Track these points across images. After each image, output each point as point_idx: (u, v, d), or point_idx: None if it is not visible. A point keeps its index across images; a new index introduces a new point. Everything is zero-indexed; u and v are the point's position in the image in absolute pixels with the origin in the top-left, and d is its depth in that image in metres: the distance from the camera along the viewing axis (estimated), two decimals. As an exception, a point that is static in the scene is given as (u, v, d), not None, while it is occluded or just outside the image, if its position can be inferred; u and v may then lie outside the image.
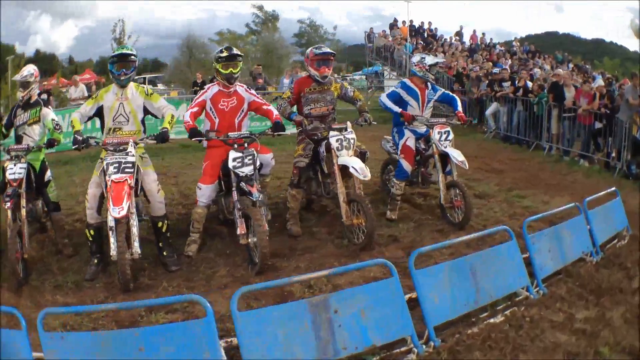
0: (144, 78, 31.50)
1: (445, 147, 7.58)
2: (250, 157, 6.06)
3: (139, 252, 5.55)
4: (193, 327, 3.76)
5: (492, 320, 5.02)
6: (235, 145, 6.12)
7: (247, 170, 5.99)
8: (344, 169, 6.67)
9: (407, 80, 8.21)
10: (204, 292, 5.36)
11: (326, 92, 7.29)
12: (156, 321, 4.85)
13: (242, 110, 6.69)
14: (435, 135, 7.59)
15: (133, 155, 5.72)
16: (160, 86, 30.10)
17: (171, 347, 3.61)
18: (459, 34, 25.03)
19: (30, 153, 6.36)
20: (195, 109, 6.48)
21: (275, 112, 6.76)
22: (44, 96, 16.64)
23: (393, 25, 24.56)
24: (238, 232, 6.02)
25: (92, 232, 5.98)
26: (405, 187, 8.11)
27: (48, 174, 6.78)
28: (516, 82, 14.94)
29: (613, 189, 7.85)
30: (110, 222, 5.40)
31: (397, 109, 7.78)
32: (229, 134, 6.29)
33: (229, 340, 4.21)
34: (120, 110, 6.14)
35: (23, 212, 5.99)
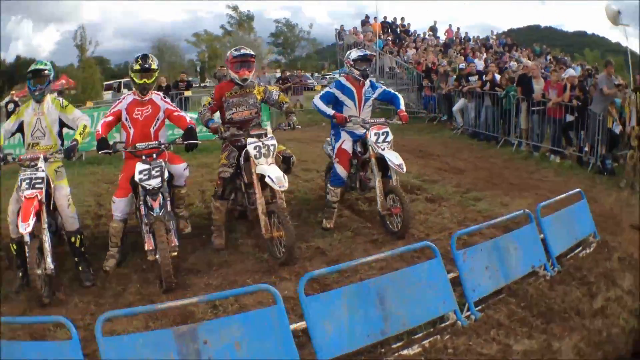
0: (120, 82, 30.59)
1: (383, 150, 6.76)
2: (157, 169, 5.73)
3: (52, 267, 5.39)
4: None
5: (405, 352, 4.25)
6: (143, 157, 5.80)
7: (155, 182, 5.68)
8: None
9: (342, 79, 7.44)
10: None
11: (248, 95, 6.77)
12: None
13: (158, 119, 6.35)
14: (371, 136, 6.81)
15: (43, 171, 5.60)
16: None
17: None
18: (432, 29, 24.06)
19: None
20: (110, 119, 6.23)
21: (189, 119, 6.35)
22: (11, 106, 15.71)
23: (365, 22, 23.49)
24: (145, 247, 5.69)
25: (14, 246, 5.75)
26: (341, 193, 7.43)
27: None
28: (484, 76, 13.85)
29: (577, 190, 6.83)
30: (26, 237, 5.28)
31: (330, 111, 7.10)
32: (137, 144, 5.95)
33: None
34: (38, 125, 6.02)
35: None
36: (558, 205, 6.45)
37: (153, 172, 5.70)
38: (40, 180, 5.52)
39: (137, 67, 6.21)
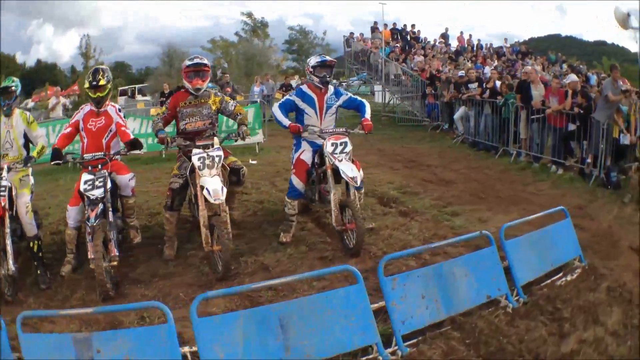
0: (134, 87, 30.36)
1: (341, 161, 6.20)
2: (101, 180, 5.80)
3: (13, 269, 5.62)
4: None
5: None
6: (90, 167, 5.91)
7: (97, 193, 5.73)
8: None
9: (304, 86, 7.00)
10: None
11: (202, 105, 6.58)
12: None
13: (110, 131, 6.42)
14: (327, 147, 6.31)
15: (7, 180, 5.92)
16: (148, 96, 28.54)
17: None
18: (444, 36, 23.10)
19: None
20: (69, 130, 6.42)
21: (132, 136, 6.36)
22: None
23: (374, 29, 22.66)
24: (88, 256, 5.68)
25: None
26: (302, 206, 7.15)
27: None
28: (484, 83, 12.87)
29: (559, 208, 5.89)
30: None
31: (285, 121, 6.70)
32: (84, 155, 6.14)
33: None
34: (7, 137, 6.30)
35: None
36: (540, 223, 5.62)
37: (97, 183, 5.76)
38: (3, 189, 5.81)
39: (87, 84, 6.38)
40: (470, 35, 23.01)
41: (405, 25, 23.36)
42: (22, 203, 6.10)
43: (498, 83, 12.44)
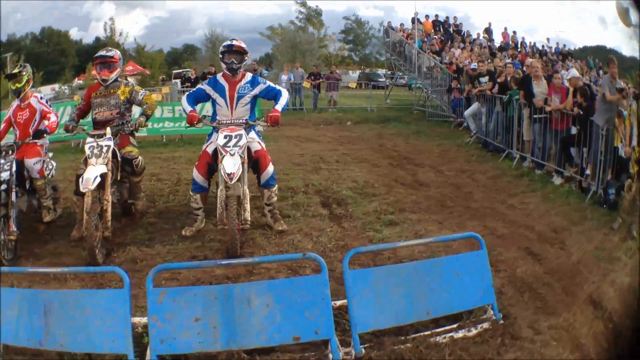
0: (188, 71, 30.33)
1: (233, 154, 5.63)
2: (8, 164, 5.98)
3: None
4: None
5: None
6: (3, 153, 6.10)
7: (4, 175, 5.88)
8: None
9: (219, 75, 6.51)
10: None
11: (111, 96, 6.53)
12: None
13: (35, 120, 6.64)
14: (219, 139, 5.78)
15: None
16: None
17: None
18: (487, 31, 21.19)
19: None
20: (2, 126, 6.65)
21: (49, 123, 6.48)
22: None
23: (414, 19, 21.13)
24: None
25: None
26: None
27: None
28: (496, 77, 11.30)
29: (470, 234, 4.56)
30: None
31: (188, 109, 6.21)
32: None
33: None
34: None
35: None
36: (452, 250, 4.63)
37: (5, 167, 5.94)
38: None
39: (3, 76, 7.08)
40: (515, 32, 21.01)
41: (447, 17, 21.67)
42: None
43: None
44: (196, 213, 6.28)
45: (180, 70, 31.05)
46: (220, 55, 6.25)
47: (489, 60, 15.12)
